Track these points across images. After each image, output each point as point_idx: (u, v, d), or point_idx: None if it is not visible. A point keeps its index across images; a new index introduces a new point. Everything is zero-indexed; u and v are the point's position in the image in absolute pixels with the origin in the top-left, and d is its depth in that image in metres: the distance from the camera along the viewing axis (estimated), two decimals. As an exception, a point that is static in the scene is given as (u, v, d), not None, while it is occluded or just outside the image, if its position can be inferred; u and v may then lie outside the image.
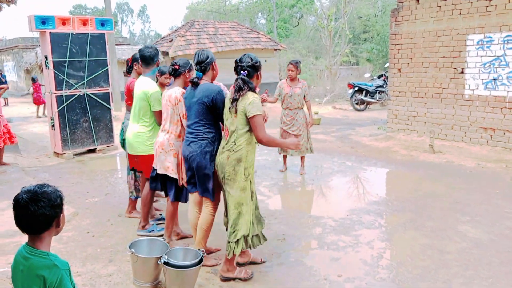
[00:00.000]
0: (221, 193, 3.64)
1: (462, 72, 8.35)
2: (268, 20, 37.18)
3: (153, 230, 4.46)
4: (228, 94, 3.51)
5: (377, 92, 14.91)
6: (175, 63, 3.91)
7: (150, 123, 4.24)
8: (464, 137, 8.41)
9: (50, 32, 7.75)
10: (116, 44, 18.36)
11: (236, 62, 3.48)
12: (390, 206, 5.35)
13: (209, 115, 3.58)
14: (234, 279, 3.51)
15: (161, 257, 3.25)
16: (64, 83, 8.01)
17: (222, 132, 3.57)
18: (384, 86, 14.69)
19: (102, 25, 8.42)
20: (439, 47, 8.67)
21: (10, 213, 1.82)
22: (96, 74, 8.38)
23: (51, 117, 8.18)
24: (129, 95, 4.71)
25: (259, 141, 3.31)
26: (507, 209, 5.11)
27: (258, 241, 3.60)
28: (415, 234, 4.47)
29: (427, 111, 9.00)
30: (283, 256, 4.02)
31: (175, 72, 3.90)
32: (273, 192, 6.03)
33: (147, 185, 4.34)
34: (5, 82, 20.03)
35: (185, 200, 4.01)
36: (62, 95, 8.02)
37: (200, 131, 3.60)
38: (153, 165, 4.04)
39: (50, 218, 1.83)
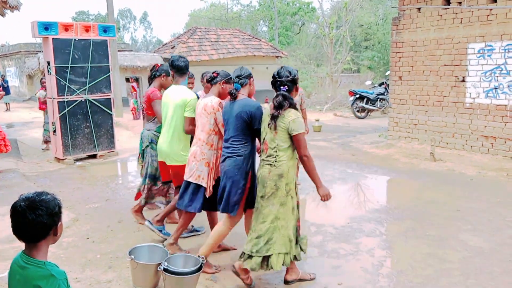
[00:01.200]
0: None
1: (463, 81, 8.36)
2: (270, 28, 37.34)
3: (161, 230, 4.42)
4: (267, 108, 3.48)
5: (378, 99, 14.94)
6: (215, 71, 4.00)
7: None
8: (465, 145, 8.40)
9: (53, 38, 7.79)
10: (118, 51, 18.43)
11: (274, 77, 3.44)
12: (391, 214, 5.34)
13: (247, 130, 3.56)
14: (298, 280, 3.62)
15: (160, 263, 3.24)
16: (66, 89, 8.03)
17: (261, 146, 3.52)
18: (385, 93, 14.72)
19: (105, 31, 8.46)
20: (440, 56, 8.69)
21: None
22: (98, 80, 8.41)
23: (52, 123, 8.20)
24: (149, 104, 4.67)
25: (301, 158, 3.32)
26: (508, 218, 5.09)
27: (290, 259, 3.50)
28: (416, 243, 4.45)
29: (428, 119, 9.01)
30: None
31: (213, 80, 3.94)
32: (274, 199, 6.02)
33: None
34: (7, 88, 20.15)
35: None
36: (64, 101, 8.04)
37: (236, 147, 3.58)
38: (184, 176, 4.01)
39: (48, 227, 1.80)
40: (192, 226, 4.64)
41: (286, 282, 3.60)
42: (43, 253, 1.83)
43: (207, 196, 3.87)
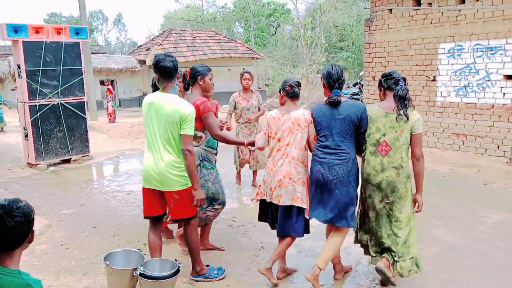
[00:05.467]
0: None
1: (434, 80, 8.56)
2: (246, 29, 37.38)
3: (210, 275, 3.73)
4: (378, 109, 3.38)
5: (352, 99, 15.16)
6: (293, 83, 3.63)
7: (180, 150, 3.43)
8: (437, 143, 8.60)
9: (23, 41, 7.60)
10: (92, 53, 18.15)
11: (390, 75, 3.44)
12: (367, 212, 5.40)
13: (354, 133, 3.40)
14: None
15: (136, 268, 3.20)
16: (38, 93, 7.85)
17: (368, 148, 3.41)
18: (359, 93, 14.95)
19: (77, 33, 8.31)
20: (411, 56, 8.88)
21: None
22: (70, 83, 8.25)
23: (24, 127, 8.01)
24: (197, 117, 3.66)
25: (417, 157, 3.35)
26: (479, 213, 5.23)
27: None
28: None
29: (401, 118, 9.17)
30: (262, 264, 4.00)
31: (297, 94, 3.63)
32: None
33: (195, 227, 3.58)
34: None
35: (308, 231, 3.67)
36: (35, 105, 7.86)
37: (344, 151, 3.36)
38: (268, 198, 3.59)
39: (25, 233, 1.78)
40: (208, 265, 3.81)
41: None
42: (16, 262, 1.80)
43: (307, 218, 3.55)
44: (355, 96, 15.21)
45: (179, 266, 3.29)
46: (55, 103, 8.09)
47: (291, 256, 4.18)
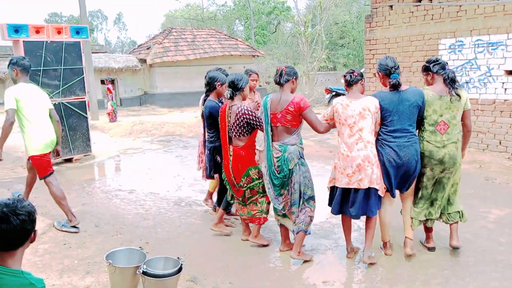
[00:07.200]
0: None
1: (436, 76, 8.54)
2: (246, 27, 37.32)
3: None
4: (433, 94, 3.78)
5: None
6: (353, 71, 3.92)
7: None
8: (439, 139, 8.58)
9: (24, 41, 7.61)
10: (93, 52, 18.14)
11: (436, 61, 3.90)
12: (369, 209, 5.39)
13: (416, 117, 3.78)
14: None
15: (139, 266, 3.21)
16: (39, 93, 7.85)
17: (432, 128, 3.81)
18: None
19: (77, 33, 8.31)
20: (412, 52, 8.86)
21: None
22: (71, 82, 8.25)
23: (25, 127, 8.01)
24: (297, 114, 3.96)
25: (469, 129, 3.97)
26: (481, 209, 5.23)
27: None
28: (392, 236, 4.52)
29: (403, 114, 9.17)
30: (266, 261, 4.02)
31: (354, 79, 3.84)
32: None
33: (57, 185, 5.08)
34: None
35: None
36: (36, 105, 7.86)
37: (412, 133, 3.78)
38: (343, 184, 3.80)
39: (29, 232, 1.78)
40: None
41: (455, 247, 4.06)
42: (18, 261, 1.79)
43: (381, 196, 3.86)
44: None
45: (181, 264, 3.30)
46: (56, 103, 8.08)
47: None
